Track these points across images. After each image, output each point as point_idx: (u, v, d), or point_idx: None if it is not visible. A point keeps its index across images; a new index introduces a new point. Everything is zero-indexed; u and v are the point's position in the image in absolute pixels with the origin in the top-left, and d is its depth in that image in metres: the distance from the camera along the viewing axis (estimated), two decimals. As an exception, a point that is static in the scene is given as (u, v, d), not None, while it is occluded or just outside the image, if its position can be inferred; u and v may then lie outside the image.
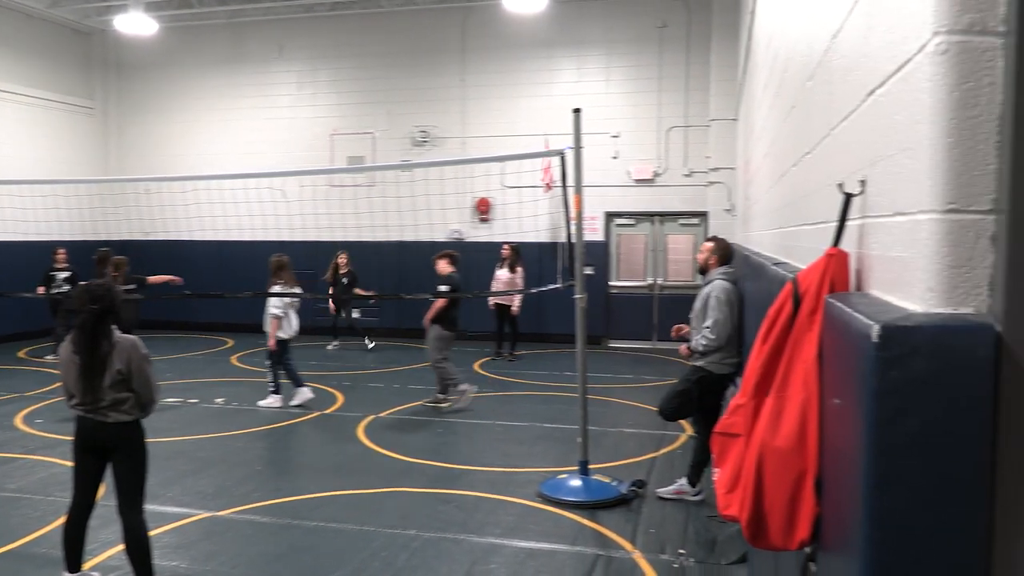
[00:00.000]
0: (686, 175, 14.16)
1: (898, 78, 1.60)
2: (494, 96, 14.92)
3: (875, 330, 1.29)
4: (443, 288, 9.22)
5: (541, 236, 14.07)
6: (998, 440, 1.25)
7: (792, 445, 1.84)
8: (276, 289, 9.10)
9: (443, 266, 9.41)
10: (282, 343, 9.29)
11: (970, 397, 1.25)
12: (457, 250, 10.10)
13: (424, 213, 13.02)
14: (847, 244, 1.96)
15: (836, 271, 1.86)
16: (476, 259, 13.79)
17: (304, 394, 9.50)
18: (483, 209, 14.86)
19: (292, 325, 9.35)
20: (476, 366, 12.39)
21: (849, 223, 1.95)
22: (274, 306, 9.13)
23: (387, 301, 14.85)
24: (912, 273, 1.45)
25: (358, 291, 13.18)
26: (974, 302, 1.33)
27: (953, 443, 1.26)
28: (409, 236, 13.92)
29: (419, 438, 8.24)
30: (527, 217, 13.13)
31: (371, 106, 15.50)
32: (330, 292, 13.53)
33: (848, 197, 1.92)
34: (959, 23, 1.33)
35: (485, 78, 14.97)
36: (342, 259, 13.69)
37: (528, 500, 6.29)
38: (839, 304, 1.65)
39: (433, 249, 10.63)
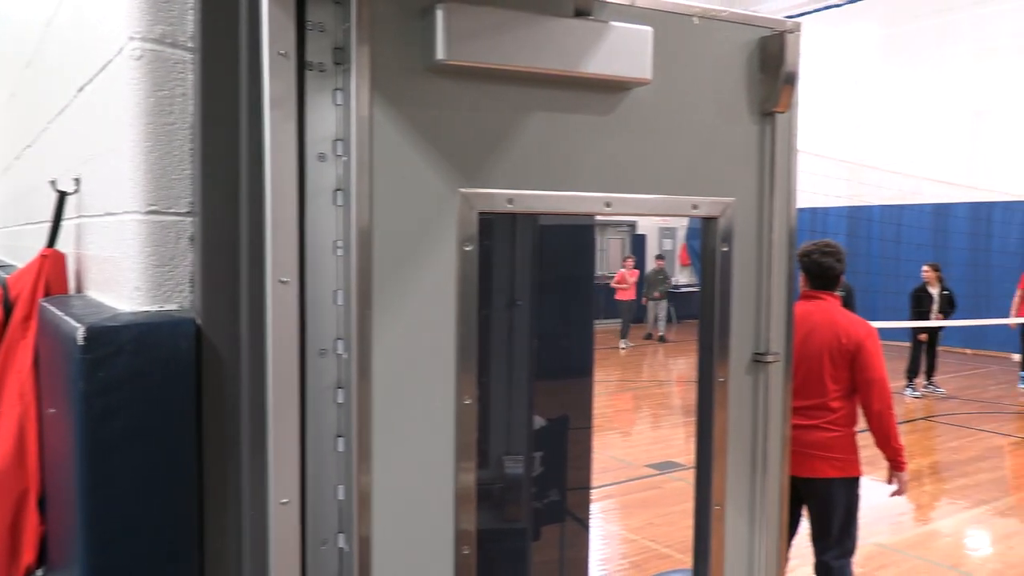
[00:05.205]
0: None
1: (104, 77, 1.60)
2: None
3: (80, 332, 1.26)
4: None
5: None
6: (202, 422, 1.36)
7: (9, 465, 1.68)
8: None
9: None
10: None
11: (175, 388, 1.33)
12: None
13: None
14: (65, 244, 1.87)
15: (52, 273, 1.77)
16: None
17: None
18: None
19: None
20: None
21: (66, 222, 1.87)
22: None
23: None
24: (122, 273, 1.46)
25: None
26: (178, 298, 1.41)
27: (162, 434, 1.32)
28: None
29: None
30: None
31: None
32: None
33: (63, 195, 1.83)
34: (152, 32, 1.39)
35: None
36: None
37: None
38: (52, 308, 1.57)
39: None
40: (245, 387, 1.36)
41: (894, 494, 3.86)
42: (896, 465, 3.77)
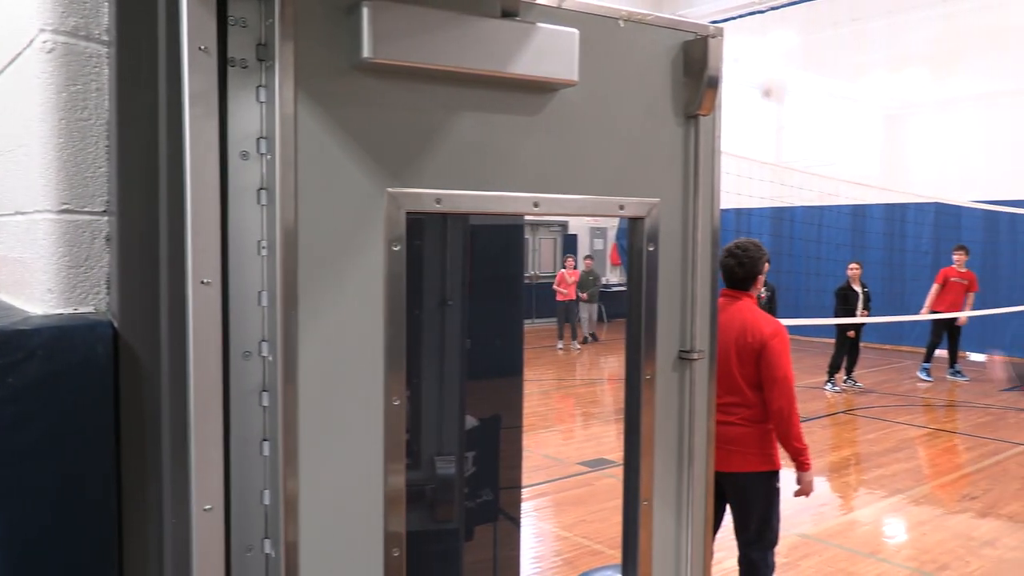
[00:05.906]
0: None
1: (13, 70, 1.53)
2: None
3: (-12, 337, 1.21)
4: None
5: None
6: (120, 429, 1.32)
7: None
8: None
9: None
10: None
11: (91, 393, 1.28)
12: None
13: None
14: (-28, 245, 1.79)
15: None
16: None
17: None
18: None
19: None
20: None
21: (-27, 222, 1.79)
22: None
23: None
24: (34, 274, 1.41)
25: None
26: (94, 301, 1.37)
27: (78, 442, 1.28)
28: None
29: None
30: None
31: None
32: None
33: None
34: (65, 24, 1.34)
35: None
36: None
37: None
38: (-43, 311, 1.49)
39: None
40: (165, 391, 1.32)
41: (797, 494, 3.86)
42: (799, 465, 3.75)
